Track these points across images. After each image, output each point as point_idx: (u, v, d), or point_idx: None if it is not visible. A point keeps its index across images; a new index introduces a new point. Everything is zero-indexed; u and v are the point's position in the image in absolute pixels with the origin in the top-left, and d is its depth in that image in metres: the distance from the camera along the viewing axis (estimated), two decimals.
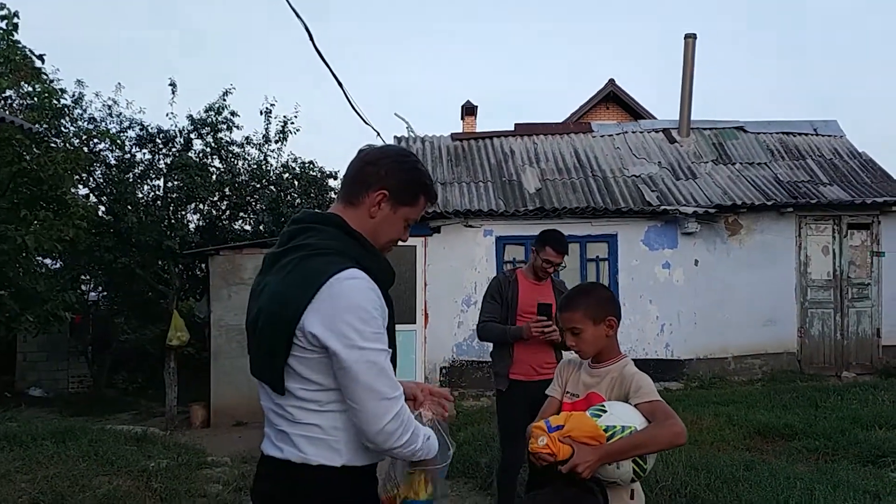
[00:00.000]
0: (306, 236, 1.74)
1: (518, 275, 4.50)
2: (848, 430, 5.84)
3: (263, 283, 1.77)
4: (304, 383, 1.66)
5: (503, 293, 4.44)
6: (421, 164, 1.91)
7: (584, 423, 2.07)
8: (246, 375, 8.20)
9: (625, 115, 17.20)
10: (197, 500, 4.72)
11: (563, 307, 2.39)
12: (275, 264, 1.76)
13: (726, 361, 10.46)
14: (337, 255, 1.69)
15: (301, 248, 1.72)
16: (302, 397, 1.67)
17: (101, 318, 14.79)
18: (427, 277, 10.45)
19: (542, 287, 4.41)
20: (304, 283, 1.64)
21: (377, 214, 1.81)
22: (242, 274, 10.54)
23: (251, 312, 1.79)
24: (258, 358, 1.74)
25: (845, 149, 12.90)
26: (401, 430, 1.64)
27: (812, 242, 10.70)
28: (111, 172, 12.40)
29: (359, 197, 1.81)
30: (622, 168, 12.05)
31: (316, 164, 14.70)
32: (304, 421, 1.68)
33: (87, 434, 6.02)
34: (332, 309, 1.60)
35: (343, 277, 1.63)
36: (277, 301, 1.67)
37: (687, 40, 12.93)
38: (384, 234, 1.84)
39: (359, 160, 1.85)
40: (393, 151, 1.88)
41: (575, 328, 2.32)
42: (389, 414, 1.61)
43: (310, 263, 1.67)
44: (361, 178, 1.82)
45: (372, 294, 1.65)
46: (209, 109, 12.78)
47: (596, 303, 2.34)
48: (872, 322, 10.66)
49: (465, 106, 16.75)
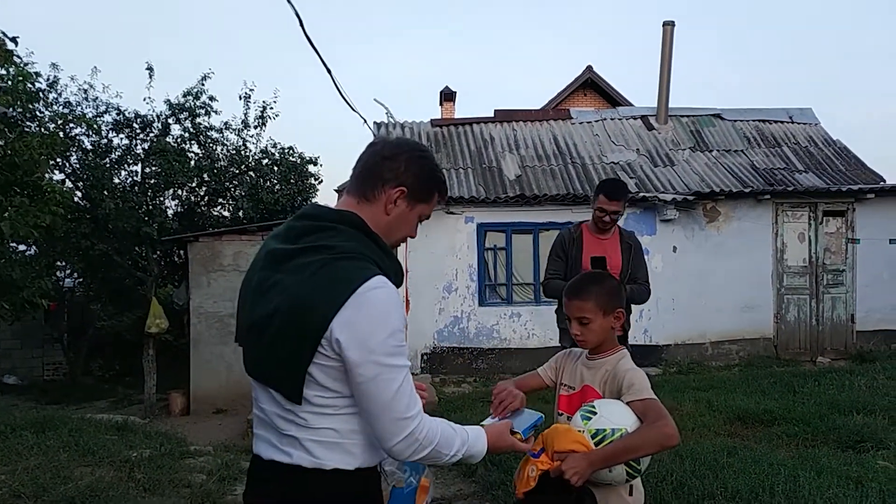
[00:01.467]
0: (327, 236, 1.64)
1: (583, 229, 4.43)
2: (826, 416, 5.92)
3: (273, 279, 1.66)
4: (321, 391, 1.59)
5: (566, 249, 4.39)
6: (435, 158, 1.84)
7: (564, 436, 2.03)
8: (225, 363, 8.12)
9: (603, 102, 17.24)
10: (181, 490, 4.67)
11: (574, 295, 2.27)
12: (286, 261, 1.65)
13: (704, 347, 10.60)
14: (362, 260, 1.61)
15: (323, 250, 1.61)
16: (318, 403, 1.60)
17: (77, 305, 14.63)
18: (408, 264, 10.43)
19: (606, 241, 4.35)
20: (331, 289, 1.55)
21: (393, 212, 1.74)
22: (222, 260, 10.47)
23: (257, 309, 1.67)
24: (269, 362, 1.64)
25: (820, 137, 13.07)
26: (415, 446, 1.60)
27: (788, 229, 10.83)
28: (88, 157, 12.22)
29: (374, 192, 1.73)
30: (601, 155, 12.10)
31: (296, 150, 14.61)
32: (318, 426, 1.61)
33: (66, 424, 5.95)
34: (359, 319, 1.53)
35: (372, 286, 1.56)
36: (302, 306, 1.56)
37: (665, 28, 12.97)
38: (398, 232, 1.78)
39: (374, 154, 1.76)
40: (411, 146, 1.80)
41: (584, 318, 2.22)
42: (402, 433, 1.57)
43: (337, 267, 1.58)
44: (378, 174, 1.73)
45: (398, 305, 1.60)
46: (187, 94, 12.63)
47: (608, 293, 2.25)
48: (847, 308, 10.84)
49: (444, 92, 16.69)
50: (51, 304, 11.55)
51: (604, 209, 4.22)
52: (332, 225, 1.67)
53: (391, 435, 1.57)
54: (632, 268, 4.35)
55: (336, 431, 1.62)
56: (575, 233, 4.44)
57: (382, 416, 1.56)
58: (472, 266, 10.50)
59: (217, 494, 4.66)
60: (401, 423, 1.57)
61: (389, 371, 1.55)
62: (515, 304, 10.59)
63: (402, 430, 1.57)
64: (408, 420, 1.58)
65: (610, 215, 4.25)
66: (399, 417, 1.57)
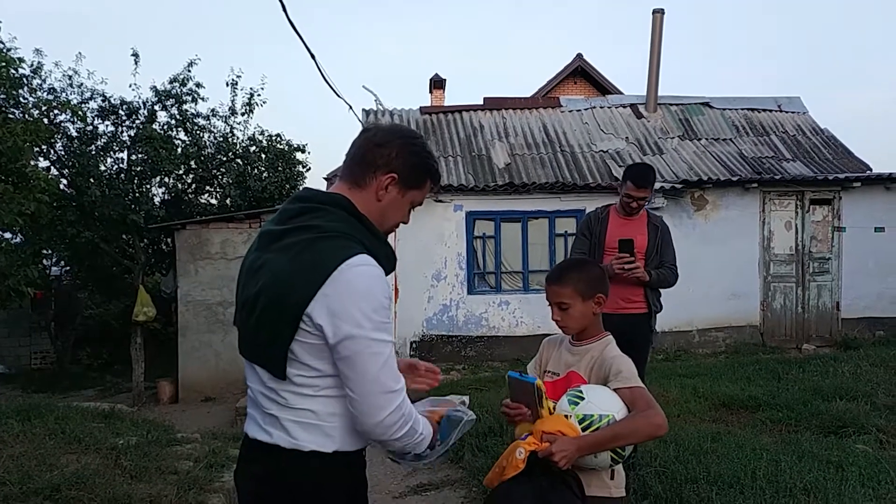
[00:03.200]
0: (313, 216, 1.67)
1: (610, 211, 4.48)
2: (810, 402, 5.98)
3: (262, 259, 1.69)
4: (303, 369, 1.61)
5: (592, 229, 4.44)
6: (428, 145, 1.85)
7: (552, 420, 2.04)
8: (214, 351, 8.14)
9: (592, 90, 17.22)
10: (168, 478, 4.67)
11: (553, 280, 2.33)
12: (275, 242, 1.68)
13: (691, 334, 10.66)
14: (346, 239, 1.63)
15: (309, 230, 1.64)
16: (299, 383, 1.62)
17: (63, 294, 14.55)
18: (397, 252, 10.40)
19: (633, 223, 4.39)
20: (313, 266, 1.58)
21: (384, 198, 1.76)
22: (209, 248, 10.43)
23: (247, 289, 1.71)
24: (255, 340, 1.68)
25: (808, 125, 13.12)
26: (400, 422, 1.60)
27: (775, 218, 10.88)
28: (73, 145, 12.09)
29: (366, 179, 1.74)
30: (590, 143, 12.11)
31: (283, 137, 14.51)
32: (297, 406, 1.63)
33: (53, 411, 5.91)
34: (341, 296, 1.55)
35: (354, 263, 1.58)
36: (284, 283, 1.60)
37: (655, 15, 12.96)
38: (390, 218, 1.80)
39: (366, 140, 1.78)
40: (402, 133, 1.81)
41: (563, 303, 2.26)
42: (391, 406, 1.58)
43: (319, 246, 1.61)
44: (370, 160, 1.74)
45: (381, 282, 1.61)
46: (174, 81, 12.49)
47: (587, 279, 2.28)
48: (832, 296, 10.92)
49: (434, 79, 16.63)
50: (37, 292, 11.50)
51: (631, 195, 4.28)
52: (321, 206, 1.70)
53: (379, 409, 1.58)
54: (660, 250, 4.39)
55: (314, 413, 1.64)
56: (602, 213, 4.50)
57: (372, 389, 1.57)
58: (461, 254, 10.50)
59: (204, 481, 4.65)
60: (389, 395, 1.58)
61: (376, 345, 1.57)
62: (504, 292, 10.61)
63: (390, 402, 1.59)
64: (395, 393, 1.60)
65: (637, 201, 4.30)
66: (387, 390, 1.58)
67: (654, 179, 4.40)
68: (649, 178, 4.33)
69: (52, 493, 3.96)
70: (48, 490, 3.97)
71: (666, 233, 4.47)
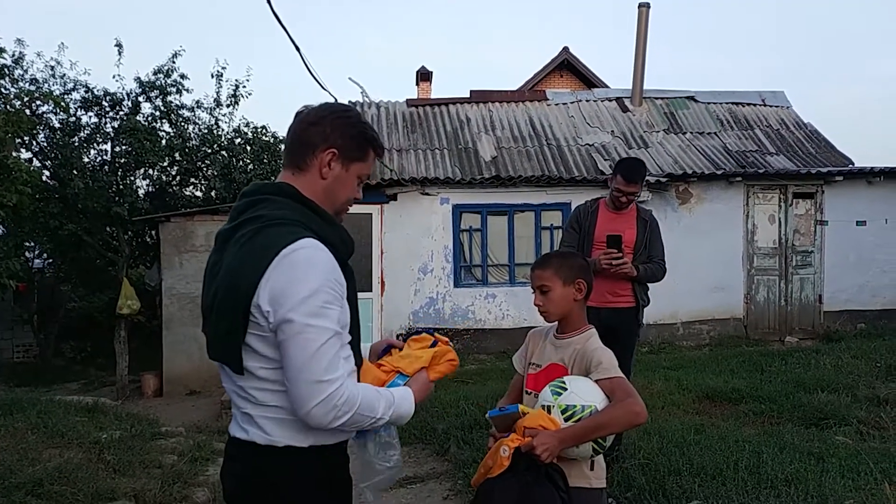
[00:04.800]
0: (258, 208, 1.67)
1: (600, 204, 4.48)
2: (792, 394, 6.04)
3: (217, 260, 1.70)
4: (263, 361, 1.59)
5: (581, 222, 4.44)
6: (363, 116, 1.83)
7: (533, 416, 2.06)
8: (198, 344, 8.09)
9: (578, 83, 17.25)
10: (152, 472, 4.65)
11: (536, 265, 2.39)
12: (228, 240, 1.69)
13: (675, 327, 10.73)
14: (290, 225, 1.61)
15: (254, 221, 1.64)
16: (263, 377, 1.61)
17: (47, 286, 14.42)
18: (383, 245, 10.42)
19: (622, 217, 4.39)
20: (256, 256, 1.57)
21: (329, 175, 1.73)
22: (194, 241, 10.36)
23: (207, 291, 1.71)
24: (216, 338, 1.67)
25: (792, 119, 13.20)
26: (333, 413, 1.53)
27: (759, 211, 10.97)
28: (55, 136, 11.97)
29: (306, 160, 1.73)
30: (576, 137, 12.13)
31: (269, 129, 14.44)
32: (267, 403, 1.62)
33: (35, 405, 5.87)
34: (280, 280, 1.53)
35: (296, 247, 1.56)
36: (231, 277, 1.60)
37: (641, 9, 12.98)
38: (338, 196, 1.77)
39: (300, 122, 1.76)
40: (334, 108, 1.80)
41: (544, 286, 2.31)
42: (317, 398, 1.51)
43: (262, 236, 1.60)
44: (306, 140, 1.73)
45: (324, 266, 1.58)
46: (158, 72, 12.37)
47: (569, 265, 2.34)
48: (815, 288, 11.02)
49: (420, 72, 16.60)
50: (20, 284, 11.38)
51: (621, 190, 4.28)
52: (266, 197, 1.70)
53: (306, 399, 1.52)
54: (648, 245, 4.39)
55: (283, 409, 1.62)
56: (591, 207, 4.50)
57: (298, 377, 1.53)
58: (448, 247, 10.50)
59: (189, 475, 4.65)
60: (317, 385, 1.52)
61: (309, 331, 1.53)
62: (490, 285, 10.63)
63: (318, 393, 1.52)
64: (325, 384, 1.52)
65: (627, 196, 4.31)
66: (315, 380, 1.52)
67: (644, 174, 4.42)
68: (640, 172, 4.34)
69: (34, 487, 3.94)
70: (30, 485, 3.95)
71: (655, 227, 4.48)
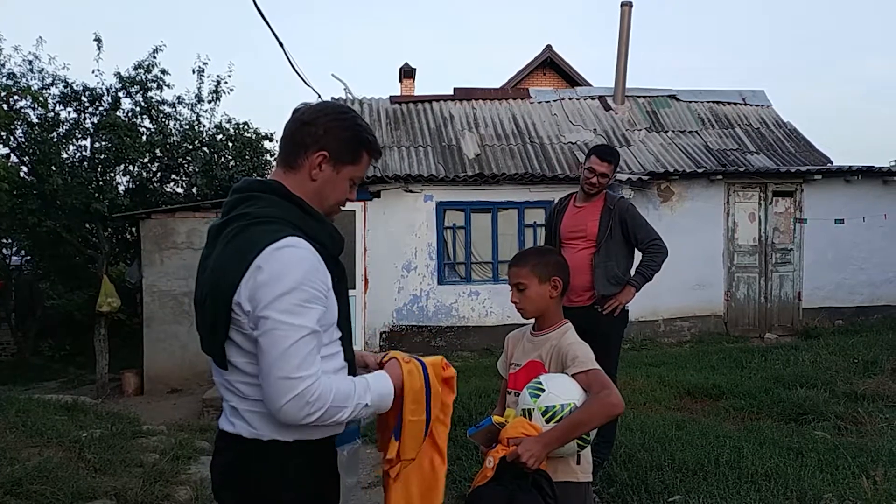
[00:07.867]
0: (246, 205, 1.67)
1: (571, 199, 4.44)
2: (771, 390, 6.11)
3: (207, 255, 1.72)
4: (248, 357, 1.60)
5: (553, 220, 4.42)
6: (361, 119, 1.81)
7: (515, 425, 2.08)
8: (180, 342, 8.08)
9: (561, 81, 17.32)
10: (133, 470, 4.61)
11: (512, 262, 2.40)
12: (218, 235, 1.69)
13: (657, 324, 10.81)
14: (275, 223, 1.61)
15: (241, 218, 1.65)
16: (249, 372, 1.61)
17: (25, 284, 14.26)
18: (367, 242, 10.39)
19: (584, 210, 4.29)
20: (240, 253, 1.58)
21: (318, 177, 1.73)
22: (175, 238, 10.29)
23: (199, 286, 1.72)
24: (204, 332, 1.69)
25: (772, 118, 13.34)
26: (306, 409, 1.52)
27: (739, 209, 11.07)
28: (33, 131, 11.80)
29: (297, 160, 1.72)
30: (559, 135, 12.18)
31: (251, 125, 14.34)
32: (252, 397, 1.63)
33: (14, 404, 5.79)
34: (259, 276, 1.53)
35: (279, 246, 1.55)
36: (216, 274, 1.62)
37: (623, 8, 13.05)
38: (328, 198, 1.76)
39: (294, 121, 1.75)
40: (330, 108, 1.77)
41: (520, 283, 2.33)
42: (288, 394, 1.51)
43: (246, 233, 1.60)
44: (299, 140, 1.72)
45: (305, 263, 1.57)
46: (138, 67, 12.27)
47: (545, 262, 2.35)
48: (794, 286, 11.14)
49: (404, 68, 16.57)
50: None
51: (593, 169, 4.20)
52: (254, 194, 1.70)
53: (278, 395, 1.52)
54: (627, 233, 4.25)
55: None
56: (561, 204, 4.47)
57: (270, 373, 1.52)
58: (432, 245, 10.50)
59: (170, 473, 4.62)
60: (287, 382, 1.51)
61: (283, 327, 1.52)
62: (474, 283, 10.64)
63: (289, 389, 1.51)
64: (296, 380, 1.52)
65: (598, 177, 4.21)
66: (286, 376, 1.51)
67: (617, 159, 4.35)
68: (613, 154, 4.29)
69: (13, 487, 3.89)
70: (9, 484, 3.90)
71: (628, 213, 4.26)
